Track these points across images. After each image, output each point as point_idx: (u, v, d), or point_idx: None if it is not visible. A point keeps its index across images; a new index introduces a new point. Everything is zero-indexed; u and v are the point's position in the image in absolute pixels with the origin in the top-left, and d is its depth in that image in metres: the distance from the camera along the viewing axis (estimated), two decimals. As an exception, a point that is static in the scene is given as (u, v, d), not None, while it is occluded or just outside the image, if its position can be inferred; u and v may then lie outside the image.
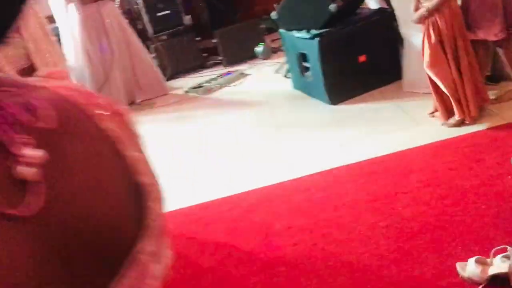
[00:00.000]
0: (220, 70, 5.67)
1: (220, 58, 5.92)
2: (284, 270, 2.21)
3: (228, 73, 5.41)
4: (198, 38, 6.09)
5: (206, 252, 2.49)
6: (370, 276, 2.05)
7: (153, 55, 5.79)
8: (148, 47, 5.73)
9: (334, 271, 2.13)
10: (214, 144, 3.78)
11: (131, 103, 5.23)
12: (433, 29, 2.79)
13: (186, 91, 5.21)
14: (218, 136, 3.92)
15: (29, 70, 2.74)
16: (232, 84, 5.13)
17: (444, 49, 2.79)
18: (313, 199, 2.68)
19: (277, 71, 5.07)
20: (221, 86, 5.11)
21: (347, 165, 2.90)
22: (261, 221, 2.60)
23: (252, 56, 5.79)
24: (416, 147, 2.89)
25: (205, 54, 6.12)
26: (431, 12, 2.74)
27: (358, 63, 3.81)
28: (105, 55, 5.01)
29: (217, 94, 4.95)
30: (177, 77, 5.76)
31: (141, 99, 5.32)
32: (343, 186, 2.71)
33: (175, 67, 5.84)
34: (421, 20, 2.82)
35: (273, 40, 5.90)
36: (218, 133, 3.98)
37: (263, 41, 5.84)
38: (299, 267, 2.20)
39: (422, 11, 2.78)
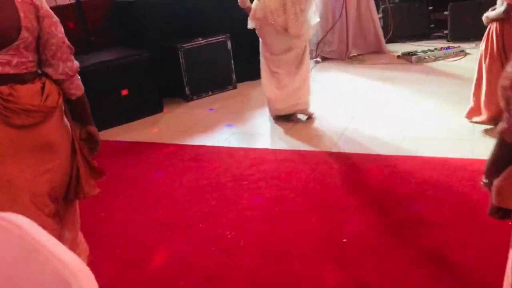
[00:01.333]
0: (442, 44, 5.51)
1: (446, 32, 5.73)
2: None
3: (448, 47, 5.23)
4: (430, 8, 5.96)
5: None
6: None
7: (380, 15, 5.92)
8: (378, 7, 5.87)
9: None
10: (402, 108, 3.88)
11: (345, 54, 5.53)
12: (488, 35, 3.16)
13: (398, 56, 5.26)
14: (407, 103, 3.99)
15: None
16: (447, 59, 4.99)
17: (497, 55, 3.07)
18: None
19: (501, 57, 4.72)
20: (436, 58, 5.02)
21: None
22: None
23: (481, 37, 5.44)
24: None
25: (432, 25, 5.99)
26: (491, 20, 3.12)
27: None
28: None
29: (428, 65, 4.89)
30: (396, 41, 5.80)
31: (356, 53, 5.57)
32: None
33: (398, 31, 5.88)
34: (486, 22, 3.20)
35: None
36: (408, 101, 4.04)
37: (499, 23, 5.40)
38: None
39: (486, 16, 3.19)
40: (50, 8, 1.74)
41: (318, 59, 5.51)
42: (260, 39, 3.73)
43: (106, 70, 4.16)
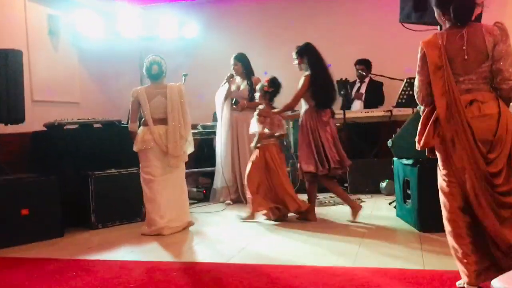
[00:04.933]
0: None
1: (346, 185, 6.30)
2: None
3: (346, 195, 5.71)
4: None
5: None
6: None
7: (289, 168, 6.49)
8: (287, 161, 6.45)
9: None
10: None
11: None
12: None
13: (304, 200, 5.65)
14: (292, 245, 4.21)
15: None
16: (344, 204, 5.41)
17: None
18: None
19: (390, 203, 5.23)
20: (334, 203, 5.45)
21: None
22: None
23: (377, 190, 6.05)
24: None
25: (334, 180, 6.58)
26: None
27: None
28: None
29: (326, 208, 5.27)
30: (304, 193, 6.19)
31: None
32: None
33: (303, 184, 6.36)
34: None
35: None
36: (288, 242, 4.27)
37: (391, 178, 6.08)
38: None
39: None
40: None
41: (229, 201, 5.77)
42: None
43: (6, 187, 4.15)
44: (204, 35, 7.45)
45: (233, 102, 5.85)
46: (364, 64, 6.73)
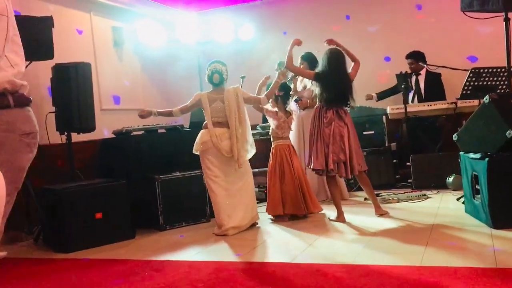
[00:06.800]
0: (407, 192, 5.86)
1: (410, 180, 6.14)
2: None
3: (411, 192, 5.57)
4: (395, 161, 6.49)
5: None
6: None
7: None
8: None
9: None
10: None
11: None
12: None
13: (366, 198, 5.56)
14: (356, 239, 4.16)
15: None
16: (409, 201, 5.29)
17: None
18: None
19: (458, 199, 5.04)
20: (399, 200, 5.32)
21: None
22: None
23: (443, 186, 5.85)
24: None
25: (397, 176, 6.45)
26: None
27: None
28: None
29: (390, 206, 5.16)
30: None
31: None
32: None
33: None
34: None
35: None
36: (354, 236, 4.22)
37: (457, 172, 5.86)
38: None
39: None
40: (42, 145, 2.09)
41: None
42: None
43: (82, 193, 4.40)
44: (260, 36, 7.53)
45: (294, 99, 5.83)
46: (412, 57, 6.50)
